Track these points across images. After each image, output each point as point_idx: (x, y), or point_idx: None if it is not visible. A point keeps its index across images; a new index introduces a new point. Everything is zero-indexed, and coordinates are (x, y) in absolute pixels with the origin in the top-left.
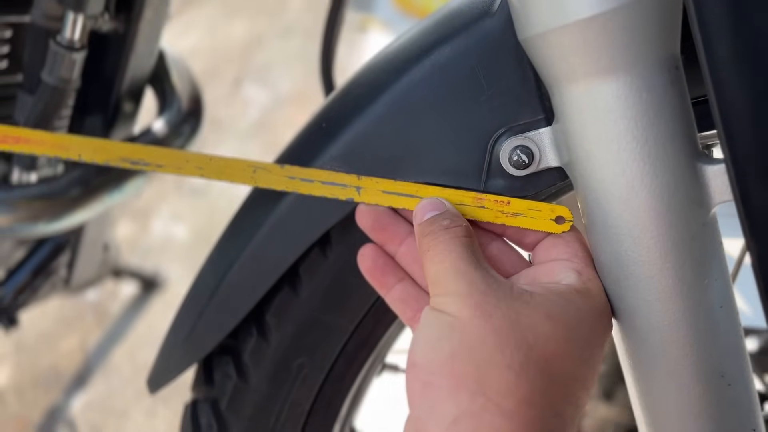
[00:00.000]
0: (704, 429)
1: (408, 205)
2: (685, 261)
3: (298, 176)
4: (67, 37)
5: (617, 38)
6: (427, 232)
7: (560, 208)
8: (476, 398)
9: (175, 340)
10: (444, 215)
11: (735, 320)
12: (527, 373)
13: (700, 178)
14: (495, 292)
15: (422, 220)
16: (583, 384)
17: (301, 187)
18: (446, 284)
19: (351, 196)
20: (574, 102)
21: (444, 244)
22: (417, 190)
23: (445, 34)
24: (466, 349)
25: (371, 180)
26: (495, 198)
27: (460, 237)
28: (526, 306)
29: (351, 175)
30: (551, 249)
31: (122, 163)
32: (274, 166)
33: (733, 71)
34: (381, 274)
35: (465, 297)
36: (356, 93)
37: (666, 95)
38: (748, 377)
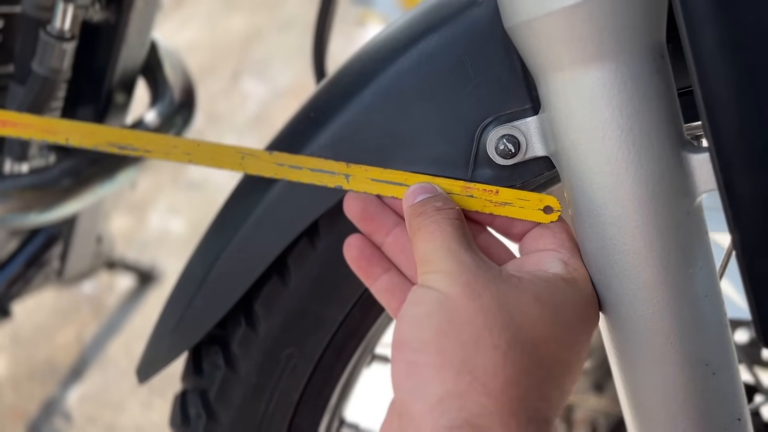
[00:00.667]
0: (689, 417)
1: (397, 193)
2: (669, 250)
3: (286, 163)
4: (58, 26)
5: (602, 26)
6: (419, 212)
7: (549, 198)
8: (462, 377)
9: (164, 330)
10: (436, 198)
11: (720, 309)
12: (514, 353)
13: (686, 166)
14: (485, 273)
15: (413, 202)
16: (568, 369)
17: (290, 174)
18: (436, 262)
19: (340, 184)
20: (560, 90)
21: (436, 223)
22: (406, 179)
23: (432, 23)
24: (454, 326)
25: (360, 168)
26: (484, 187)
27: (452, 219)
28: (514, 288)
29: (340, 162)
30: (538, 239)
31: (110, 148)
32: (263, 153)
33: (717, 60)
34: (367, 264)
35: (455, 275)
36: (344, 82)
37: (651, 84)
38: (733, 366)
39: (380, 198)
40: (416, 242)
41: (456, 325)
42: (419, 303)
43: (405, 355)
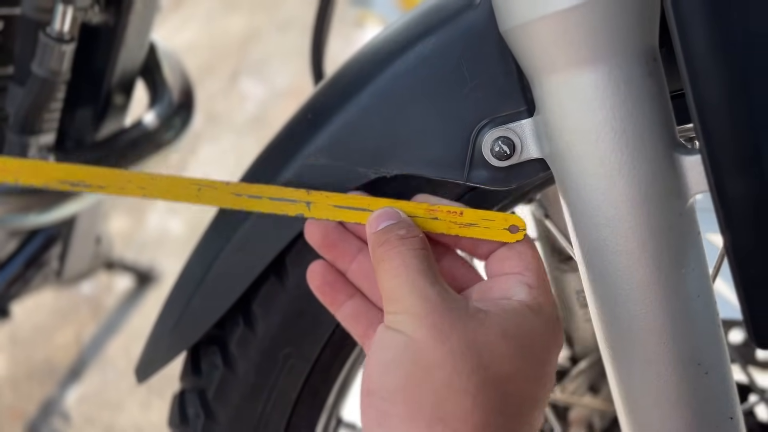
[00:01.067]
0: (681, 416)
1: (360, 219)
2: (662, 250)
3: (244, 193)
4: (57, 28)
5: (596, 29)
6: (382, 241)
7: (513, 217)
8: (434, 426)
9: (162, 330)
10: (399, 224)
11: (712, 309)
12: (484, 396)
13: (678, 168)
14: (451, 312)
15: (377, 230)
16: (536, 403)
17: (249, 204)
18: (402, 301)
19: (301, 212)
20: (554, 93)
21: (400, 256)
22: (369, 204)
23: (429, 25)
24: (423, 372)
25: (321, 194)
26: (448, 209)
27: (416, 249)
28: (481, 325)
29: (300, 190)
30: (504, 262)
31: (62, 186)
32: (220, 183)
33: (709, 64)
34: (331, 291)
35: (421, 317)
36: (342, 84)
37: (644, 86)
38: (725, 366)
39: (343, 224)
40: (380, 276)
41: (425, 371)
42: (386, 347)
43: (374, 403)
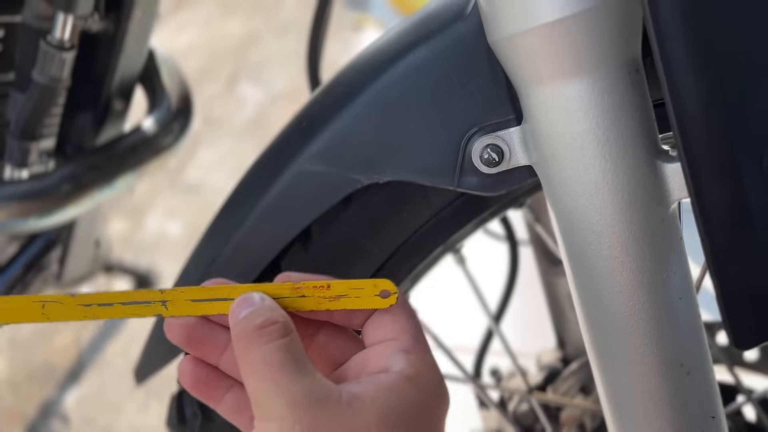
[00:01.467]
0: (664, 416)
1: (222, 309)
2: (645, 255)
3: (94, 302)
4: (57, 36)
5: (580, 42)
6: (240, 336)
7: (382, 281)
8: None
9: (161, 331)
10: (257, 312)
11: (694, 311)
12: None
13: (660, 175)
14: (323, 409)
15: (238, 319)
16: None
17: (100, 313)
18: (269, 407)
19: (158, 312)
20: (540, 103)
21: (260, 354)
22: (228, 293)
23: (421, 35)
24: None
25: (176, 291)
26: (314, 284)
27: (276, 340)
28: (358, 415)
29: (153, 290)
30: (379, 328)
31: None
32: (66, 297)
33: (687, 74)
34: (207, 389)
35: (292, 423)
36: (336, 93)
37: (627, 96)
38: (706, 366)
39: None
40: (244, 377)
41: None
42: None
43: None
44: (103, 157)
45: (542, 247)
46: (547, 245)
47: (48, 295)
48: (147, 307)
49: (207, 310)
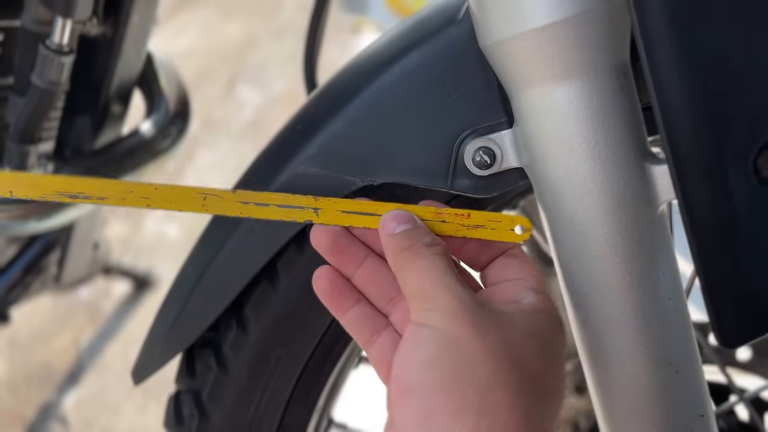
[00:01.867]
0: (654, 414)
1: (368, 224)
2: (634, 255)
3: (251, 201)
4: (56, 41)
5: (569, 46)
6: (406, 246)
7: (519, 218)
8: (482, 419)
9: (158, 333)
10: (421, 231)
11: (683, 311)
12: (523, 392)
13: (648, 177)
14: (483, 311)
15: (394, 232)
16: (560, 399)
17: (256, 212)
18: (436, 298)
19: (309, 218)
20: (531, 106)
21: (428, 259)
22: (377, 208)
23: (414, 40)
24: (466, 367)
25: (329, 200)
26: (455, 211)
27: (443, 254)
28: (510, 325)
29: (308, 197)
30: (506, 269)
31: (60, 198)
32: (226, 192)
33: (673, 77)
34: (338, 297)
35: (458, 313)
36: (331, 96)
37: (615, 99)
38: (695, 365)
39: (349, 230)
40: (407, 277)
41: (468, 367)
42: (424, 344)
43: (417, 401)
44: (102, 160)
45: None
46: (540, 246)
47: (210, 188)
48: (300, 212)
49: (354, 222)
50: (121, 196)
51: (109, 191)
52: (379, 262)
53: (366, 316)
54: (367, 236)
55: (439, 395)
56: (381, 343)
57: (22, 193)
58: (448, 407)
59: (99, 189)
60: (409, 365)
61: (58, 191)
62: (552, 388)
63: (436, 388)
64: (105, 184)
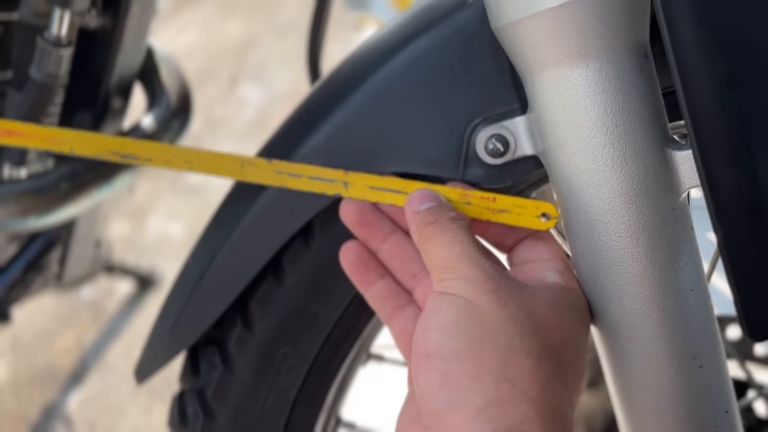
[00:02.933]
0: (677, 410)
1: (396, 200)
2: (655, 245)
3: (285, 171)
4: (54, 33)
5: (586, 26)
6: (431, 220)
7: (545, 204)
8: (501, 384)
9: (161, 331)
10: (448, 207)
11: (706, 303)
12: (545, 360)
13: (670, 163)
14: (506, 281)
15: (419, 209)
16: (582, 374)
17: (289, 182)
18: (459, 268)
19: (338, 191)
20: (546, 90)
21: (452, 231)
22: (404, 186)
23: (422, 25)
24: (487, 333)
25: (359, 175)
26: (481, 194)
27: (467, 228)
28: (532, 296)
29: (338, 170)
30: (531, 250)
31: (112, 157)
32: (262, 161)
33: (698, 59)
34: (364, 270)
35: (481, 283)
36: (336, 85)
37: (635, 82)
38: (719, 360)
39: (376, 206)
40: (430, 249)
41: (489, 333)
42: (445, 310)
43: (436, 365)
44: None
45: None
46: None
47: (248, 156)
48: (330, 185)
49: (382, 198)
50: (166, 158)
51: (155, 153)
52: (404, 239)
53: (390, 290)
54: (393, 212)
55: (459, 360)
56: (404, 317)
57: (80, 151)
58: (468, 371)
59: (147, 151)
60: (430, 331)
61: (111, 150)
62: (574, 362)
63: (456, 353)
64: (153, 147)
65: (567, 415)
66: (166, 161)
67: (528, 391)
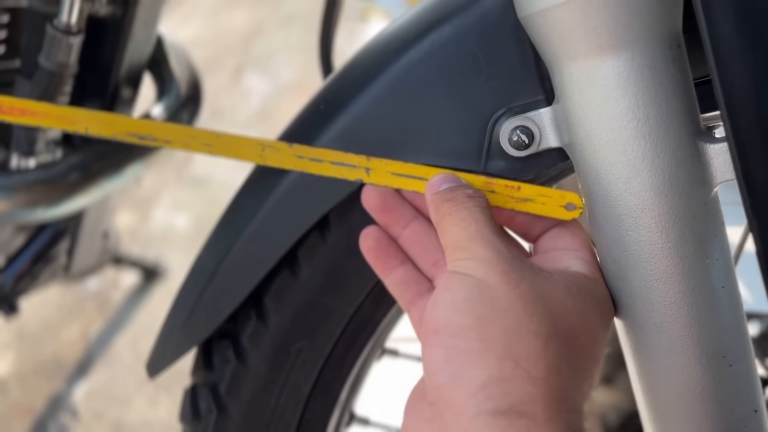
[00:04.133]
0: (705, 409)
1: (417, 187)
2: (686, 241)
3: (306, 156)
4: (64, 20)
5: (618, 15)
6: (449, 197)
7: (571, 194)
8: (505, 362)
9: (173, 324)
10: (466, 185)
11: (736, 301)
12: (554, 342)
13: (702, 156)
14: (520, 263)
15: (439, 189)
16: (596, 362)
17: (310, 167)
18: (473, 248)
19: (360, 177)
20: (575, 80)
21: (468, 210)
22: (426, 173)
23: (444, 13)
24: (495, 312)
25: (381, 161)
26: (505, 183)
27: (484, 207)
28: (547, 280)
29: (360, 156)
30: (557, 239)
31: (130, 138)
32: (283, 145)
33: (736, 48)
34: (384, 255)
35: (493, 263)
36: (354, 74)
37: (668, 73)
38: (749, 358)
39: (398, 191)
40: (446, 228)
41: (497, 312)
42: (456, 288)
43: (443, 341)
44: (112, 146)
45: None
46: None
47: (269, 140)
48: (352, 170)
49: (404, 185)
50: (185, 140)
51: (174, 135)
52: (426, 225)
53: (410, 277)
54: (415, 199)
55: (465, 336)
56: (423, 304)
57: (96, 131)
58: (473, 348)
59: (166, 132)
60: (439, 308)
61: (128, 131)
62: (587, 347)
63: (462, 329)
64: (172, 129)
65: (574, 399)
66: (185, 143)
67: (532, 371)
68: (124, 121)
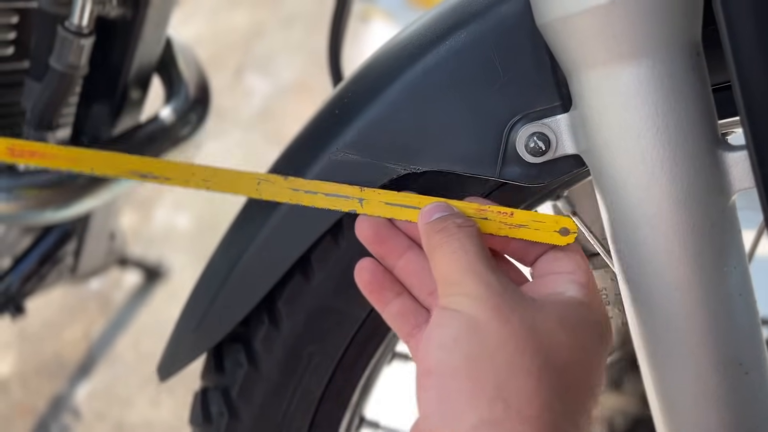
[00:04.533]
0: (721, 417)
1: (411, 217)
2: (704, 249)
3: (301, 188)
4: (76, 22)
5: (639, 23)
6: (440, 228)
7: (565, 219)
8: (496, 404)
9: (185, 328)
10: (455, 214)
11: (753, 309)
12: (547, 378)
13: (721, 165)
14: (511, 296)
15: (431, 219)
16: (592, 394)
17: (305, 199)
18: (463, 284)
19: (353, 208)
20: (594, 88)
21: (459, 241)
22: (419, 202)
23: (461, 19)
24: (486, 351)
25: (374, 191)
26: (498, 209)
27: (474, 236)
28: (539, 312)
29: (354, 186)
30: (553, 262)
31: (132, 176)
32: (278, 178)
33: (757, 55)
34: (379, 288)
35: (483, 299)
36: (370, 79)
37: (687, 81)
38: (765, 366)
39: (392, 221)
40: (438, 260)
41: (487, 350)
42: (446, 326)
43: (434, 382)
44: (120, 147)
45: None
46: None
47: (264, 174)
48: (345, 201)
49: (397, 214)
50: (185, 177)
51: (174, 173)
52: (420, 255)
53: (407, 308)
54: (409, 229)
55: (457, 377)
56: (422, 336)
57: (101, 171)
58: (464, 390)
59: (166, 170)
60: (431, 347)
61: (131, 170)
62: (583, 379)
63: (454, 370)
64: (172, 167)
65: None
66: (184, 180)
67: (524, 410)
68: (127, 160)
